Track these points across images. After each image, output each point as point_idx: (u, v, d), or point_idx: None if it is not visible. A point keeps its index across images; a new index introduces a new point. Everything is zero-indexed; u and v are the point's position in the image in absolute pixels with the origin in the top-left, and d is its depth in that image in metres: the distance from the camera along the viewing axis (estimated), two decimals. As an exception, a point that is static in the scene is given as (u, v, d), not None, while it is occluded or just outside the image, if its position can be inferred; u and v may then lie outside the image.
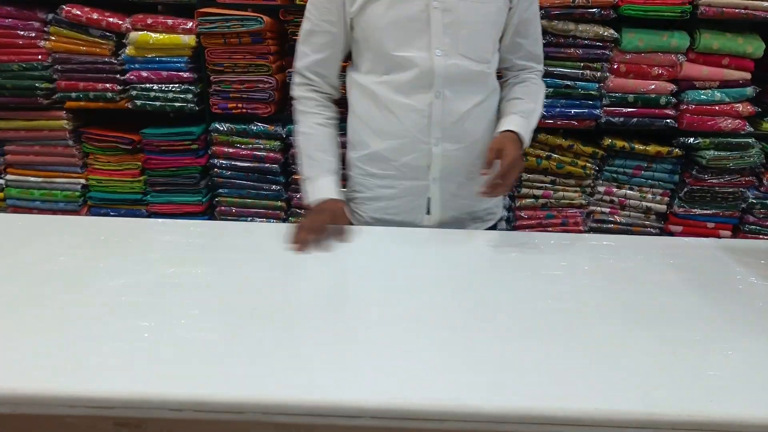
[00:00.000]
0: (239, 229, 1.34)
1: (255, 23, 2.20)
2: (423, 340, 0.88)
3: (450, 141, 1.29)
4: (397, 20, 1.21)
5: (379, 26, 1.22)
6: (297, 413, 0.74)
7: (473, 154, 1.33)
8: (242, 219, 2.57)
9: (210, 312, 0.94)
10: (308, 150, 1.36)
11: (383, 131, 1.32)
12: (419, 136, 1.29)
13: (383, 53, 1.25)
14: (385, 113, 1.30)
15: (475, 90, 1.29)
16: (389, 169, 1.34)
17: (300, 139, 1.38)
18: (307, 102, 1.38)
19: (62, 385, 0.76)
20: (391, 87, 1.27)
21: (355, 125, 1.38)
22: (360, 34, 1.27)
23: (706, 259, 1.21)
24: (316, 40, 1.32)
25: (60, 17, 2.24)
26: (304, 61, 1.36)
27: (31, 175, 2.53)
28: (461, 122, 1.29)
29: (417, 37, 1.22)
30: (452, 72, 1.24)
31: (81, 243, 1.19)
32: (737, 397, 0.77)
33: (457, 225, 1.39)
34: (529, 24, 1.34)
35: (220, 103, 2.38)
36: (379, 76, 1.28)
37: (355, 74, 1.35)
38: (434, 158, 1.30)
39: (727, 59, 2.25)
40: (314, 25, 1.30)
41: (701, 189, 2.43)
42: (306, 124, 1.37)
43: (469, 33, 1.23)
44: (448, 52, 1.23)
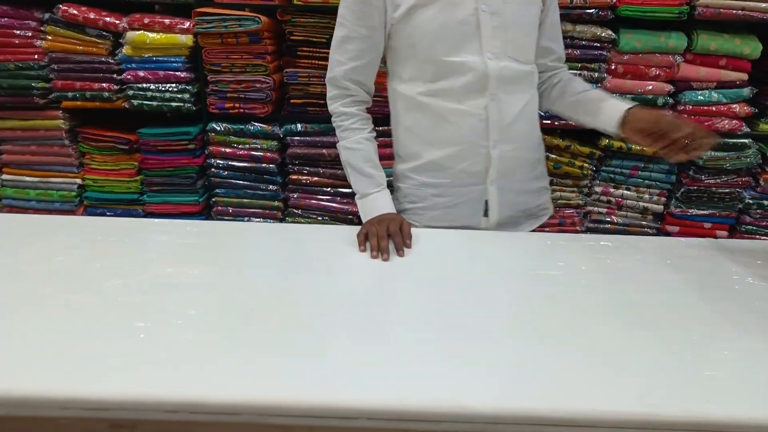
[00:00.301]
0: (236, 229, 1.34)
1: (252, 23, 2.20)
2: (420, 340, 0.88)
3: (506, 142, 1.30)
4: (447, 25, 1.20)
5: (428, 31, 1.21)
6: (293, 415, 0.74)
7: (526, 152, 1.36)
8: (239, 219, 2.56)
9: (206, 312, 0.93)
10: (359, 166, 1.33)
11: (438, 140, 1.31)
12: (477, 141, 1.28)
13: (433, 59, 1.24)
14: (438, 122, 1.29)
15: (524, 90, 1.31)
16: (445, 177, 1.33)
17: (347, 155, 1.35)
18: (349, 118, 1.36)
19: (56, 386, 0.75)
20: (442, 95, 1.26)
21: (404, 138, 1.37)
22: (404, 41, 1.26)
23: (703, 259, 1.21)
24: (352, 46, 1.29)
25: (56, 16, 2.24)
26: (340, 70, 1.32)
27: (27, 174, 2.52)
28: (515, 123, 1.30)
29: (468, 41, 1.22)
30: (504, 74, 1.25)
31: (77, 243, 1.18)
32: (734, 398, 0.77)
33: (513, 225, 1.40)
34: (557, 27, 1.37)
35: (218, 103, 2.37)
36: (424, 84, 1.27)
37: (396, 85, 1.34)
38: (493, 161, 1.30)
39: (724, 60, 2.25)
40: (350, 31, 1.28)
41: (698, 189, 2.43)
42: (352, 140, 1.35)
43: (516, 35, 1.25)
44: (498, 55, 1.24)
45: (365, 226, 1.25)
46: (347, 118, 1.35)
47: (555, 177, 2.46)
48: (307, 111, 2.39)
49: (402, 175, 1.41)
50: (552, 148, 2.39)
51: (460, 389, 0.76)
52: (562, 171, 2.43)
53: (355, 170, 1.34)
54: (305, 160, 2.47)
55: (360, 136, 1.35)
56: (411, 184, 1.38)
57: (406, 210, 1.41)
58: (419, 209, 1.39)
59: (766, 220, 2.48)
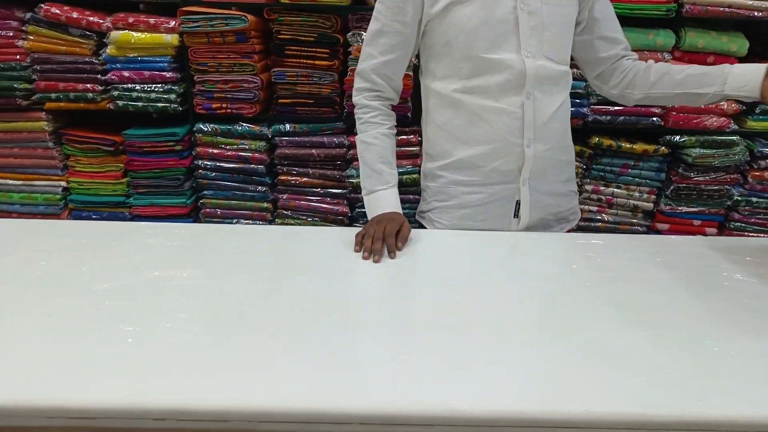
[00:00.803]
0: (225, 231, 1.32)
1: (239, 22, 2.18)
2: (411, 343, 0.87)
3: (540, 142, 1.30)
4: (486, 22, 1.21)
5: (466, 28, 1.21)
6: (283, 420, 0.73)
7: (559, 153, 1.36)
8: (227, 221, 2.55)
9: (194, 317, 0.92)
10: (371, 161, 1.34)
11: (471, 138, 1.31)
12: (512, 139, 1.28)
13: (471, 56, 1.24)
14: (472, 119, 1.29)
15: (559, 90, 1.32)
16: (477, 176, 1.33)
17: (362, 149, 1.36)
18: (370, 111, 1.35)
19: (41, 395, 0.73)
20: (477, 92, 1.26)
21: (435, 136, 1.37)
22: (439, 38, 1.26)
23: (693, 256, 1.22)
24: (385, 41, 1.29)
25: (38, 16, 2.20)
26: (370, 63, 1.32)
27: (10, 178, 2.48)
28: (550, 122, 1.30)
29: (506, 39, 1.22)
30: (541, 73, 1.25)
31: (62, 247, 1.16)
32: (728, 396, 0.77)
33: (543, 227, 1.41)
34: (612, 20, 1.36)
35: (204, 103, 2.35)
36: (460, 82, 1.27)
37: (430, 82, 1.34)
38: (526, 160, 1.30)
39: (712, 57, 2.26)
40: (384, 25, 1.28)
41: (687, 187, 2.44)
42: (369, 134, 1.35)
43: (552, 35, 1.25)
44: (535, 54, 1.24)
45: (365, 226, 1.25)
46: (368, 111, 1.35)
47: (545, 175, 2.46)
48: (296, 111, 2.38)
49: (431, 174, 1.41)
50: (541, 146, 2.39)
51: (452, 392, 0.76)
52: (552, 169, 2.42)
53: (367, 165, 1.34)
54: (294, 160, 2.45)
55: (378, 131, 1.34)
56: (441, 182, 1.38)
57: (435, 209, 1.40)
58: (449, 207, 1.38)
59: (755, 217, 2.50)
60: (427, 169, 1.43)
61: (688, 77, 1.31)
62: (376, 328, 0.91)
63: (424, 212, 1.45)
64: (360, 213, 2.51)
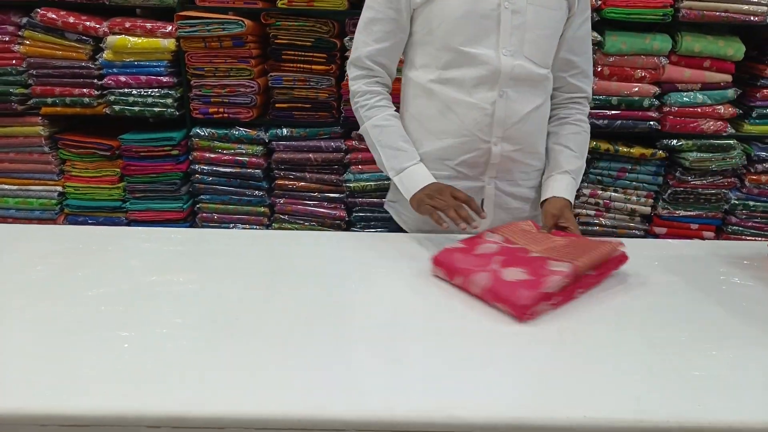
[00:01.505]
0: (221, 236, 1.32)
1: (236, 27, 2.18)
2: (407, 349, 0.86)
3: (509, 142, 1.29)
4: (469, 15, 1.20)
5: (449, 18, 1.21)
6: (278, 427, 0.72)
7: (528, 156, 1.34)
8: (224, 225, 2.54)
9: (191, 322, 0.91)
10: (391, 142, 1.31)
11: (440, 130, 1.30)
12: (480, 135, 1.28)
13: (449, 47, 1.23)
14: (444, 111, 1.28)
15: (536, 93, 1.30)
16: (443, 170, 1.32)
17: (377, 133, 1.32)
18: (373, 96, 1.33)
19: (34, 402, 0.73)
20: (451, 84, 1.26)
21: (408, 124, 1.36)
22: (423, 26, 1.26)
23: (691, 260, 1.22)
24: (378, 28, 1.28)
25: (35, 21, 2.20)
26: (364, 50, 1.31)
27: (6, 182, 2.48)
28: (521, 124, 1.29)
29: (486, 35, 1.22)
30: (517, 73, 1.24)
31: (58, 252, 1.16)
32: (726, 401, 0.76)
33: None
34: (583, 42, 1.34)
35: (201, 107, 2.35)
36: (436, 72, 1.27)
37: (408, 71, 1.34)
38: (493, 157, 1.30)
39: (708, 61, 2.27)
40: (377, 12, 1.27)
41: (684, 191, 2.44)
42: (380, 117, 1.32)
43: (535, 36, 1.24)
44: (514, 53, 1.23)
45: (424, 201, 1.22)
46: (372, 96, 1.33)
47: (542, 179, 2.46)
48: (293, 115, 2.37)
49: None
50: (539, 150, 2.40)
51: (450, 398, 0.75)
52: (549, 173, 2.43)
53: (388, 147, 1.31)
54: (291, 164, 2.45)
55: (387, 113, 1.33)
56: None
57: (400, 200, 1.37)
58: None
59: (752, 220, 2.50)
60: None
61: (554, 154, 1.37)
62: (373, 333, 0.90)
63: (393, 202, 1.44)
64: (357, 217, 2.51)
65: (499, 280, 0.98)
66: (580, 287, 1.02)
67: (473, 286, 1.00)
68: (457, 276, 1.03)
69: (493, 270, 1.01)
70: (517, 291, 0.95)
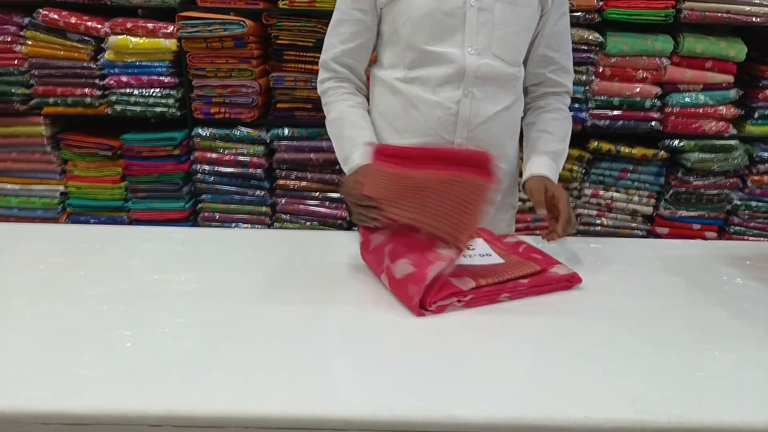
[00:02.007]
0: (223, 235, 1.32)
1: (237, 27, 2.18)
2: (409, 349, 0.86)
3: (475, 142, 1.27)
4: (433, 13, 1.19)
5: (412, 18, 1.20)
6: (279, 426, 0.72)
7: (497, 160, 1.31)
8: (226, 225, 2.54)
9: (192, 321, 0.91)
10: (340, 132, 1.28)
11: (405, 129, 1.29)
12: (444, 135, 1.26)
13: (413, 47, 1.22)
14: (408, 110, 1.27)
15: (504, 93, 1.28)
16: None
17: (331, 128, 1.31)
18: (334, 92, 1.32)
19: (36, 400, 0.73)
20: (417, 83, 1.25)
21: (375, 123, 1.34)
22: (389, 25, 1.25)
23: (693, 260, 1.21)
24: (345, 29, 1.27)
25: (37, 21, 2.21)
26: (331, 53, 1.30)
27: (8, 182, 2.48)
28: (488, 125, 1.27)
29: (451, 33, 1.20)
30: (484, 72, 1.22)
31: (60, 251, 1.16)
32: (726, 402, 0.76)
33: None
34: (561, 37, 1.32)
35: (203, 107, 2.35)
36: (403, 71, 1.26)
37: (377, 70, 1.33)
38: None
39: (710, 62, 2.27)
40: (343, 13, 1.27)
41: (686, 191, 2.44)
42: (335, 111, 1.30)
43: (504, 34, 1.22)
44: (481, 52, 1.21)
45: (348, 198, 1.16)
46: (334, 92, 1.32)
47: (544, 180, 2.46)
48: (294, 115, 2.38)
49: None
50: (540, 151, 2.40)
51: (451, 398, 0.75)
52: (551, 174, 2.42)
53: (337, 138, 1.30)
54: (293, 164, 2.45)
55: (344, 105, 1.30)
56: None
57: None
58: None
59: (754, 221, 2.50)
60: None
61: (533, 140, 1.33)
62: (373, 333, 0.90)
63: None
64: (358, 218, 2.50)
65: (393, 280, 1.00)
66: (506, 292, 1.00)
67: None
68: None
69: (386, 267, 1.02)
70: (407, 288, 0.96)
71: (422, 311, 0.94)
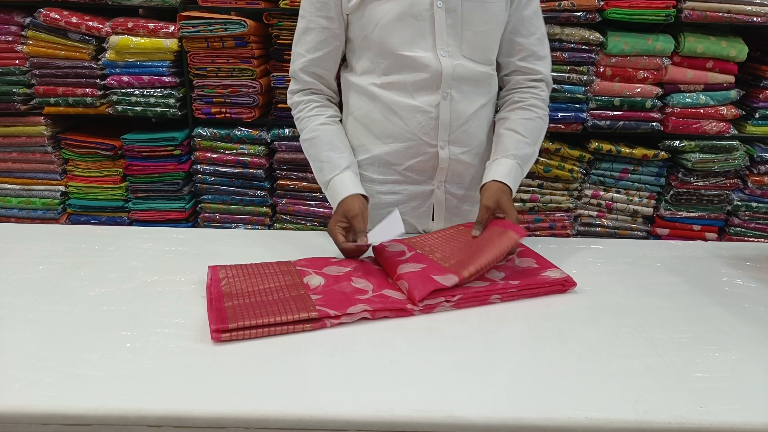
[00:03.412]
0: (223, 236, 1.32)
1: (238, 27, 2.18)
2: (410, 349, 0.86)
3: (456, 144, 1.26)
4: (402, 17, 1.17)
5: (382, 23, 1.18)
6: (279, 427, 0.72)
7: (477, 157, 1.31)
8: (226, 225, 2.54)
9: (192, 322, 0.91)
10: (317, 154, 1.26)
11: (386, 134, 1.27)
12: (425, 139, 1.25)
13: (387, 52, 1.20)
14: (387, 115, 1.25)
15: (480, 92, 1.26)
16: (392, 174, 1.30)
17: (306, 147, 1.29)
18: (304, 106, 1.29)
19: (35, 401, 0.72)
20: (394, 88, 1.23)
21: (353, 129, 1.32)
22: (357, 32, 1.23)
23: (693, 261, 1.21)
24: (311, 38, 1.24)
25: (38, 21, 2.21)
26: (299, 63, 1.27)
27: (8, 182, 2.49)
28: (468, 124, 1.26)
29: (422, 36, 1.18)
30: (459, 73, 1.21)
31: (60, 251, 1.16)
32: (727, 402, 0.76)
33: None
34: (530, 23, 1.27)
35: (204, 107, 2.35)
36: (378, 77, 1.24)
37: (350, 76, 1.30)
38: (441, 162, 1.26)
39: (711, 62, 2.27)
40: (309, 21, 1.23)
41: (687, 192, 2.44)
42: (308, 129, 1.28)
43: (473, 34, 1.20)
44: (452, 53, 1.20)
45: (332, 233, 1.16)
46: (304, 106, 1.29)
47: (545, 180, 2.46)
48: (295, 115, 2.37)
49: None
50: (542, 151, 2.39)
51: (452, 398, 0.75)
52: (552, 174, 2.43)
53: (315, 160, 1.27)
54: (293, 165, 2.45)
55: (316, 122, 1.27)
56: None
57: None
58: (370, 207, 1.30)
59: (755, 221, 2.50)
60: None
61: (499, 137, 1.29)
62: (373, 333, 0.90)
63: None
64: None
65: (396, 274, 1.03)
66: (497, 293, 1.00)
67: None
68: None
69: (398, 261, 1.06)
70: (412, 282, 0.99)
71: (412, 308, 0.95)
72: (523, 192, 2.47)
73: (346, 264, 1.09)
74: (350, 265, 1.09)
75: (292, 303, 0.92)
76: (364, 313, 0.93)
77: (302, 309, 0.90)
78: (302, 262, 1.10)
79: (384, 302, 0.95)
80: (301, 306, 0.92)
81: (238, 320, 0.87)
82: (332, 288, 0.99)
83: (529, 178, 2.45)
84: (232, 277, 1.01)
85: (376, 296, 0.97)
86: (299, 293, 0.96)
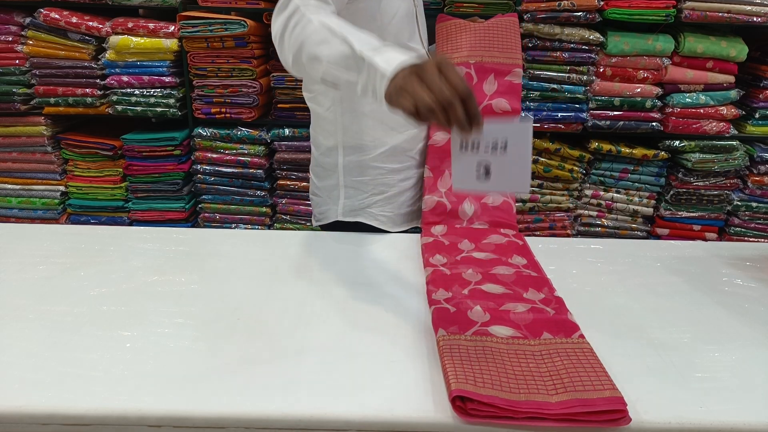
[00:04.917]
0: (223, 236, 1.31)
1: (238, 27, 2.18)
2: (410, 349, 0.86)
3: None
4: (394, 12, 1.23)
5: (398, 16, 1.24)
6: (279, 427, 0.72)
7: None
8: (226, 226, 2.54)
9: (192, 322, 0.91)
10: (346, 28, 0.94)
11: (399, 124, 1.33)
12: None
13: (400, 44, 1.24)
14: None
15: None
16: (406, 161, 1.37)
17: (325, 25, 0.95)
18: (305, 9, 1.01)
19: (35, 401, 0.73)
20: None
21: (366, 125, 1.33)
22: (368, 22, 1.22)
23: (693, 261, 1.21)
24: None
25: (38, 21, 2.21)
26: None
27: (8, 182, 2.48)
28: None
29: (413, 32, 1.28)
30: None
31: (60, 251, 1.16)
32: (727, 402, 0.76)
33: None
34: None
35: (203, 107, 2.35)
36: None
37: None
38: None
39: (711, 62, 2.26)
40: None
41: (687, 192, 2.44)
42: (321, 15, 0.98)
43: (423, 23, 1.32)
44: (424, 44, 1.31)
45: (406, 88, 0.81)
46: (310, 6, 1.02)
47: (545, 180, 2.46)
48: (295, 115, 2.37)
49: (366, 166, 1.35)
50: (542, 151, 2.39)
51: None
52: (552, 174, 2.42)
53: (341, 32, 0.93)
54: (293, 165, 2.45)
55: (330, 10, 1.04)
56: (377, 174, 1.36)
57: (375, 203, 1.37)
58: (389, 198, 1.37)
59: (755, 221, 2.49)
60: (352, 163, 1.35)
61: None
62: (373, 333, 0.90)
63: (361, 209, 1.38)
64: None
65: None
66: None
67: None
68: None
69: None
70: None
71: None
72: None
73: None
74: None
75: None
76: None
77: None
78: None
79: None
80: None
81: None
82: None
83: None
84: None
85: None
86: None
